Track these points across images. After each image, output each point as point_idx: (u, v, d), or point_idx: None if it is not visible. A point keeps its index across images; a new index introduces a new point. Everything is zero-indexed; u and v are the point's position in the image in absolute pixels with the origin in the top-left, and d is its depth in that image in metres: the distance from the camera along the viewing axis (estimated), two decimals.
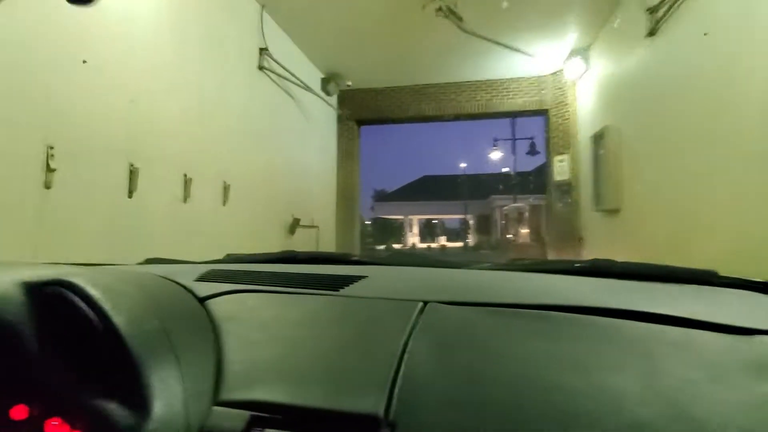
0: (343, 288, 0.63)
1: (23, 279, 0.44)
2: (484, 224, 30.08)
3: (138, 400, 0.37)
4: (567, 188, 5.96)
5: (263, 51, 4.34)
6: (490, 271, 0.86)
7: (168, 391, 0.38)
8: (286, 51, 5.00)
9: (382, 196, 38.88)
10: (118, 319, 0.41)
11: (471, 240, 29.79)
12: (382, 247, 26.43)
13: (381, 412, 0.35)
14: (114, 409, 0.36)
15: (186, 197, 3.13)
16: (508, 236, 13.23)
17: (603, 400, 0.34)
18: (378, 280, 0.72)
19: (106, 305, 0.41)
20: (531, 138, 13.14)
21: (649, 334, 0.44)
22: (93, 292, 0.42)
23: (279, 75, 4.73)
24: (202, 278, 0.70)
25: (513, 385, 0.37)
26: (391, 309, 0.54)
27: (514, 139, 13.19)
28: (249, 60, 4.21)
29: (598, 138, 4.80)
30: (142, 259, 1.04)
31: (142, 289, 0.50)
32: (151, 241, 2.77)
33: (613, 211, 4.56)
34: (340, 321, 0.54)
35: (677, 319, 0.46)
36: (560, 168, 6.04)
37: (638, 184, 4.04)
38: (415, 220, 35.48)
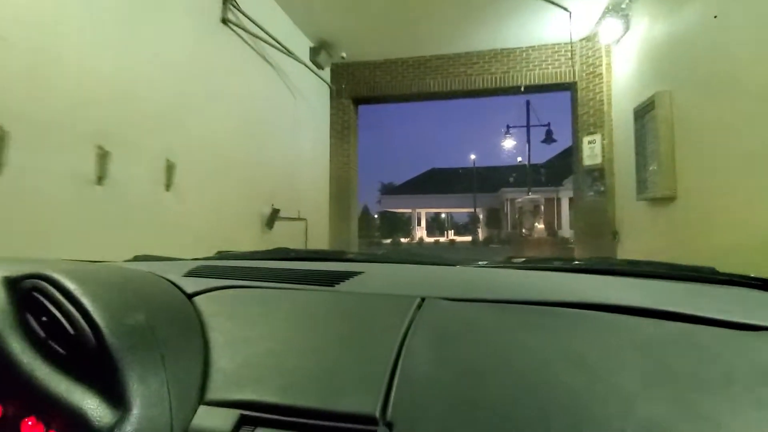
0: (338, 284, 0.63)
1: (1, 274, 0.44)
2: (495, 218, 29.26)
3: (117, 398, 0.36)
4: (598, 174, 5.05)
5: (228, 1, 3.50)
6: (488, 268, 0.84)
7: (149, 390, 0.37)
8: (264, 10, 4.16)
9: (389, 189, 38.24)
10: (97, 313, 0.40)
11: (481, 234, 28.96)
12: (387, 241, 25.94)
13: (377, 412, 0.35)
14: (91, 407, 0.36)
15: (101, 177, 2.31)
16: (521, 230, 12.28)
17: (609, 397, 0.34)
18: (375, 276, 0.72)
19: (85, 299, 0.41)
20: (547, 124, 12.15)
21: (653, 329, 0.44)
22: (72, 285, 0.42)
23: (252, 34, 3.89)
24: (191, 273, 0.70)
25: (515, 382, 0.37)
26: (389, 304, 0.53)
27: (528, 126, 12.20)
28: (207, 9, 3.37)
29: (644, 110, 3.88)
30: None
31: (127, 285, 0.49)
32: (37, 234, 1.96)
33: (665, 200, 3.66)
34: (335, 317, 0.53)
35: (681, 315, 0.46)
36: (590, 151, 5.13)
37: (700, 166, 3.14)
38: (423, 213, 34.91)
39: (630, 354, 0.39)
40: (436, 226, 42.20)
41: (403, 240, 26.56)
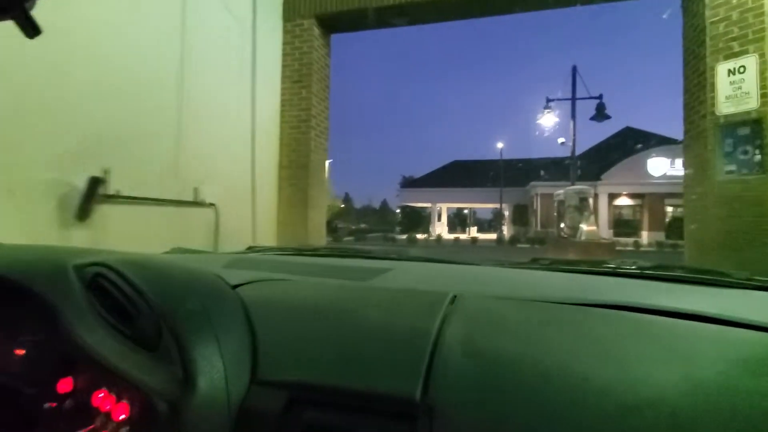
0: (371, 279, 0.67)
1: (71, 262, 0.50)
2: (522, 215, 26.63)
3: (183, 374, 0.39)
4: (751, 130, 2.68)
5: None
6: (513, 269, 0.85)
7: (210, 368, 0.41)
8: None
9: (408, 183, 36.15)
10: (162, 298, 0.45)
11: (507, 232, 26.39)
12: (403, 237, 23.89)
13: (417, 395, 0.37)
14: (159, 382, 0.39)
15: None
16: (560, 230, 9.78)
17: (642, 393, 0.35)
18: (404, 273, 0.75)
19: (146, 285, 0.46)
20: (598, 97, 9.63)
21: (683, 330, 0.46)
22: (132, 273, 0.47)
23: None
24: (231, 266, 0.74)
25: (543, 373, 0.38)
26: (422, 299, 0.55)
27: (574, 99, 9.70)
28: None
29: None
30: None
31: (179, 274, 0.54)
32: None
33: None
34: (370, 308, 0.54)
35: (709, 317, 0.48)
36: (733, 88, 2.75)
37: None
38: (444, 208, 32.66)
39: (666, 354, 0.41)
40: (458, 222, 39.95)
41: (419, 237, 24.29)
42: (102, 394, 0.40)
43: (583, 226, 8.28)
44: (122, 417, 0.39)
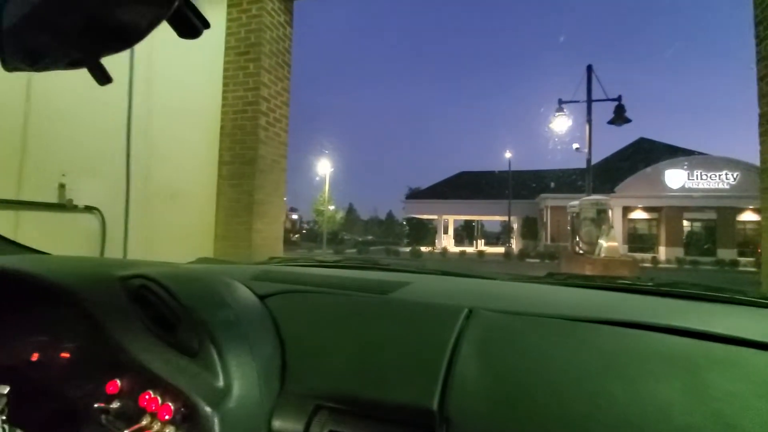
0: (390, 293, 0.68)
1: (117, 274, 0.58)
2: (532, 228, 25.60)
3: (223, 380, 0.45)
4: None
5: None
6: (528, 283, 0.87)
7: (246, 375, 0.46)
8: None
9: (414, 194, 35.45)
10: (201, 308, 0.51)
11: (515, 246, 25.36)
12: (407, 249, 23.06)
13: (435, 406, 0.41)
14: (200, 385, 0.45)
15: None
16: (574, 245, 8.75)
17: (648, 409, 0.37)
18: (423, 286, 0.76)
19: (190, 297, 0.52)
20: (617, 98, 8.67)
21: (693, 348, 0.46)
22: (173, 285, 0.54)
23: None
24: (258, 278, 0.76)
25: (559, 390, 0.41)
26: (439, 313, 0.57)
27: (589, 101, 8.76)
28: None
29: None
30: None
31: (212, 286, 0.59)
32: None
33: None
34: (390, 321, 0.57)
35: (718, 336, 0.47)
36: None
37: None
38: (451, 220, 31.87)
39: (675, 372, 0.42)
40: (465, 234, 39.07)
41: (423, 250, 23.35)
42: (148, 396, 0.47)
43: (603, 242, 7.26)
44: (167, 417, 0.45)
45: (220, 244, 2.97)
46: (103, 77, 0.38)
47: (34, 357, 0.64)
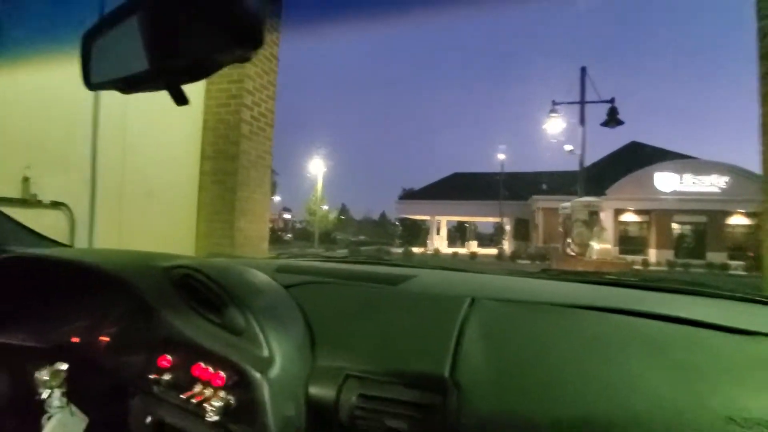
0: (399, 284, 0.76)
1: (157, 264, 0.66)
2: (524, 229, 25.66)
3: (263, 352, 0.53)
4: None
5: None
6: (524, 278, 0.94)
7: (284, 348, 0.54)
8: None
9: (408, 195, 35.41)
10: (241, 293, 0.60)
11: (508, 247, 25.43)
12: (398, 250, 22.95)
13: (447, 373, 0.50)
14: (246, 356, 0.52)
15: None
16: (565, 247, 8.71)
17: (624, 379, 0.46)
18: (428, 279, 0.84)
19: (228, 284, 0.60)
20: (610, 100, 8.66)
21: (665, 330, 0.55)
22: (215, 274, 0.62)
23: None
24: (280, 270, 0.84)
25: (552, 363, 0.50)
26: (445, 302, 0.65)
27: (583, 102, 8.73)
28: None
29: None
30: None
31: (245, 276, 0.67)
32: None
33: None
34: (402, 309, 0.65)
35: (692, 322, 0.56)
36: None
37: None
38: (444, 221, 31.83)
39: (639, 346, 0.51)
40: (458, 235, 39.16)
41: (415, 250, 23.29)
42: (200, 367, 0.53)
43: (594, 244, 7.23)
44: (220, 384, 0.52)
45: (202, 242, 2.83)
46: (181, 99, 0.42)
47: (89, 338, 0.71)
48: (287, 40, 3.35)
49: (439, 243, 28.95)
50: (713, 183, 20.21)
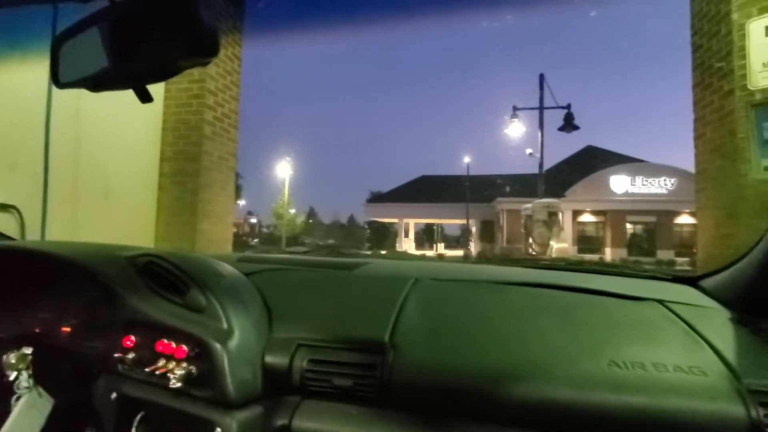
0: (354, 270, 0.86)
1: (119, 254, 0.71)
2: (489, 231, 26.32)
3: (226, 326, 0.59)
4: None
5: None
6: (468, 264, 1.21)
7: (242, 323, 0.60)
8: None
9: (375, 198, 35.40)
10: (203, 276, 0.65)
11: (473, 248, 26.00)
12: (368, 253, 22.82)
13: (387, 338, 0.59)
14: (207, 330, 0.58)
15: None
16: (528, 247, 9.05)
17: (537, 338, 0.57)
18: (380, 265, 0.94)
19: (190, 269, 0.66)
20: (566, 107, 9.13)
21: (575, 298, 0.69)
22: (178, 261, 0.67)
23: None
24: (241, 260, 0.93)
25: (479, 326, 0.61)
26: (392, 282, 0.75)
27: (541, 108, 9.15)
28: None
29: None
30: None
31: (207, 263, 0.72)
32: None
33: None
34: (354, 288, 0.76)
35: (594, 291, 0.70)
36: None
37: None
38: (412, 224, 32.08)
39: (553, 312, 0.63)
40: (426, 237, 39.58)
41: (383, 253, 23.35)
42: (163, 343, 0.58)
43: (554, 243, 7.59)
44: (182, 356, 0.57)
45: (161, 245, 2.77)
46: (145, 97, 0.46)
47: (55, 324, 0.74)
48: (251, 41, 3.34)
49: (408, 245, 29.20)
50: (662, 185, 21.54)
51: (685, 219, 21.19)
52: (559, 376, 0.51)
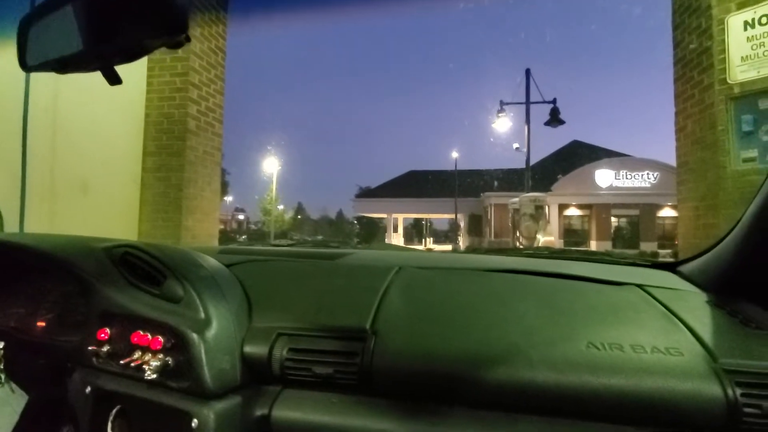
0: (336, 259, 0.86)
1: (96, 245, 0.69)
2: (477, 225, 26.53)
3: (203, 316, 0.57)
4: None
5: None
6: (452, 253, 1.17)
7: (220, 313, 0.59)
8: None
9: (364, 193, 35.34)
10: (180, 266, 0.63)
11: (462, 242, 26.20)
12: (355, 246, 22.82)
13: (368, 325, 0.59)
14: (183, 321, 0.56)
15: None
16: (515, 240, 9.15)
17: (516, 320, 0.58)
18: (363, 255, 0.94)
19: (168, 259, 0.64)
20: (552, 101, 9.22)
21: (555, 283, 0.70)
22: (155, 252, 0.65)
23: None
24: (222, 252, 0.91)
25: (458, 311, 0.61)
26: (375, 270, 0.75)
27: (528, 103, 9.23)
28: None
29: None
30: None
31: (188, 254, 0.70)
32: None
33: None
34: (336, 277, 0.74)
35: (575, 276, 0.71)
36: (751, 45, 2.01)
37: None
38: (401, 219, 32.14)
39: (532, 296, 0.65)
40: (415, 232, 39.71)
41: (369, 246, 23.37)
42: (138, 335, 0.57)
43: (540, 237, 7.68)
44: (158, 347, 0.56)
45: (145, 241, 2.73)
46: (114, 79, 0.45)
47: (28, 318, 0.73)
48: (236, 33, 3.29)
49: (397, 240, 29.27)
50: (645, 179, 21.95)
51: (667, 212, 21.65)
52: (538, 358, 0.51)
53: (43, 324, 0.71)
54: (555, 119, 9.15)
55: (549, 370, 0.50)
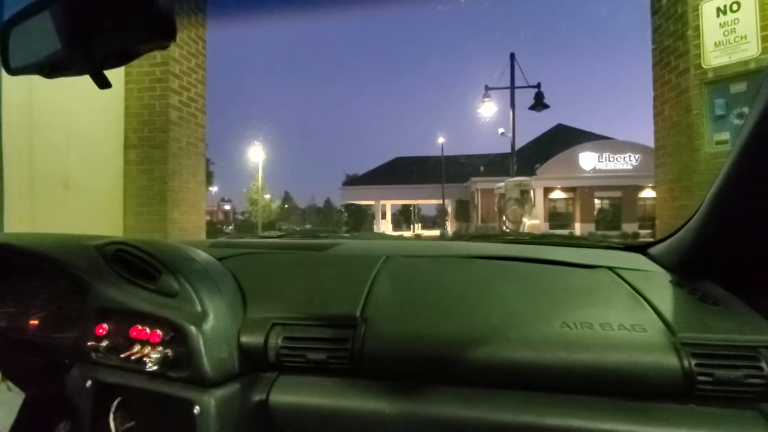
0: (327, 250, 0.88)
1: (88, 243, 0.70)
2: (464, 210, 26.73)
3: (197, 309, 0.59)
4: (749, 84, 2.01)
5: None
6: (437, 241, 1.20)
7: (216, 305, 0.61)
8: None
9: (351, 180, 35.18)
10: (174, 261, 0.65)
11: (450, 228, 26.40)
12: (345, 236, 22.81)
13: (358, 313, 0.61)
14: (180, 314, 0.58)
15: None
16: (502, 224, 9.27)
17: (499, 303, 0.62)
18: (353, 245, 0.96)
19: (162, 254, 0.65)
20: (536, 86, 9.26)
21: (535, 268, 0.73)
22: (148, 247, 0.67)
23: None
24: (213, 246, 0.94)
25: (445, 297, 0.64)
26: (364, 259, 0.78)
27: (512, 88, 9.27)
28: None
29: None
30: None
31: (180, 249, 0.71)
32: None
33: None
34: (327, 268, 0.77)
35: (553, 261, 0.75)
36: (723, 31, 2.07)
37: None
38: (389, 205, 32.16)
39: (514, 280, 0.68)
40: (403, 219, 39.80)
41: (357, 234, 23.41)
42: (137, 329, 0.59)
43: (526, 220, 7.80)
44: (157, 340, 0.58)
45: (131, 235, 2.70)
46: (103, 83, 0.44)
47: (24, 317, 0.73)
48: (216, 22, 3.22)
49: (385, 227, 29.33)
50: (627, 161, 22.30)
51: (648, 193, 22.11)
52: (517, 338, 0.55)
53: (36, 322, 0.72)
54: (539, 103, 9.20)
55: (527, 348, 0.54)
